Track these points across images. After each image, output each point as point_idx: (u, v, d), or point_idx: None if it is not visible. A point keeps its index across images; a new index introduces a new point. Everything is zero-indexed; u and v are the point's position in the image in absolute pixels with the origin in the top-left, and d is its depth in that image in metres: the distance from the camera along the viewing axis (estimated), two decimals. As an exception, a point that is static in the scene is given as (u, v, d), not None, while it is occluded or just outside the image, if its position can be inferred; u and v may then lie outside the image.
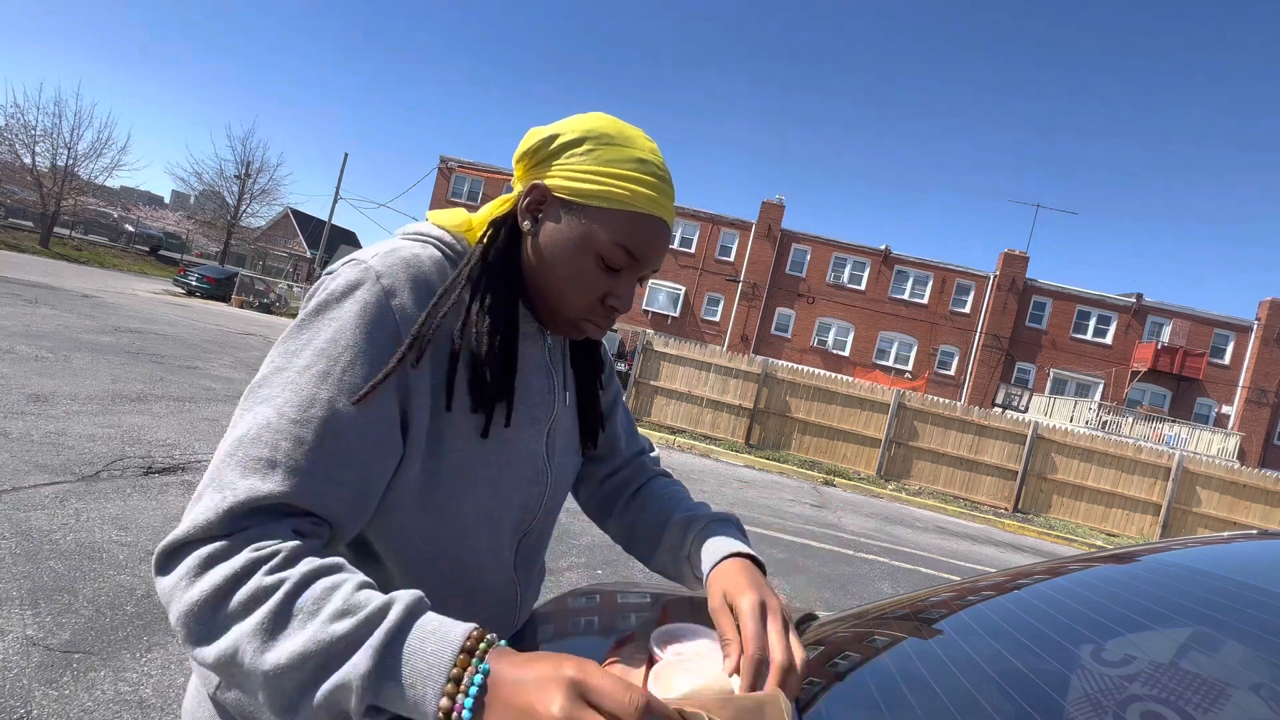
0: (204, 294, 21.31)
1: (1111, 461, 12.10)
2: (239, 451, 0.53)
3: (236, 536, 0.51)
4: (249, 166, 36.22)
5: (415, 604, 0.49)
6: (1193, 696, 0.63)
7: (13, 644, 2.03)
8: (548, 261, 0.68)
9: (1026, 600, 0.93)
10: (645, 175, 0.67)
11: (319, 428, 0.55)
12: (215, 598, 0.48)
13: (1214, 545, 1.01)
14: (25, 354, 6.25)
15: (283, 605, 0.48)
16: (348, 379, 0.56)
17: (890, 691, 0.73)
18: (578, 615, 0.97)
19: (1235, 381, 23.86)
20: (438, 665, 0.45)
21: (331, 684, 0.45)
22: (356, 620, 0.47)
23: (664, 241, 0.69)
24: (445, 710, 0.44)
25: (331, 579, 0.50)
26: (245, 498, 0.51)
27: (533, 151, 0.69)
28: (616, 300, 0.69)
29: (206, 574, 0.49)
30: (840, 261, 25.98)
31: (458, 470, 0.65)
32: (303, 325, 0.59)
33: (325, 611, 0.48)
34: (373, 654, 0.46)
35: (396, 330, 0.59)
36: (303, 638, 0.47)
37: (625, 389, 14.40)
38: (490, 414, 0.66)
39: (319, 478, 0.55)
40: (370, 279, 0.60)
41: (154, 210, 43.55)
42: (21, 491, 3.16)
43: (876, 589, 4.98)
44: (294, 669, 0.46)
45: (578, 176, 0.66)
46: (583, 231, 0.66)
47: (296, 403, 0.55)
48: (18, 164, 28.01)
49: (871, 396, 12.48)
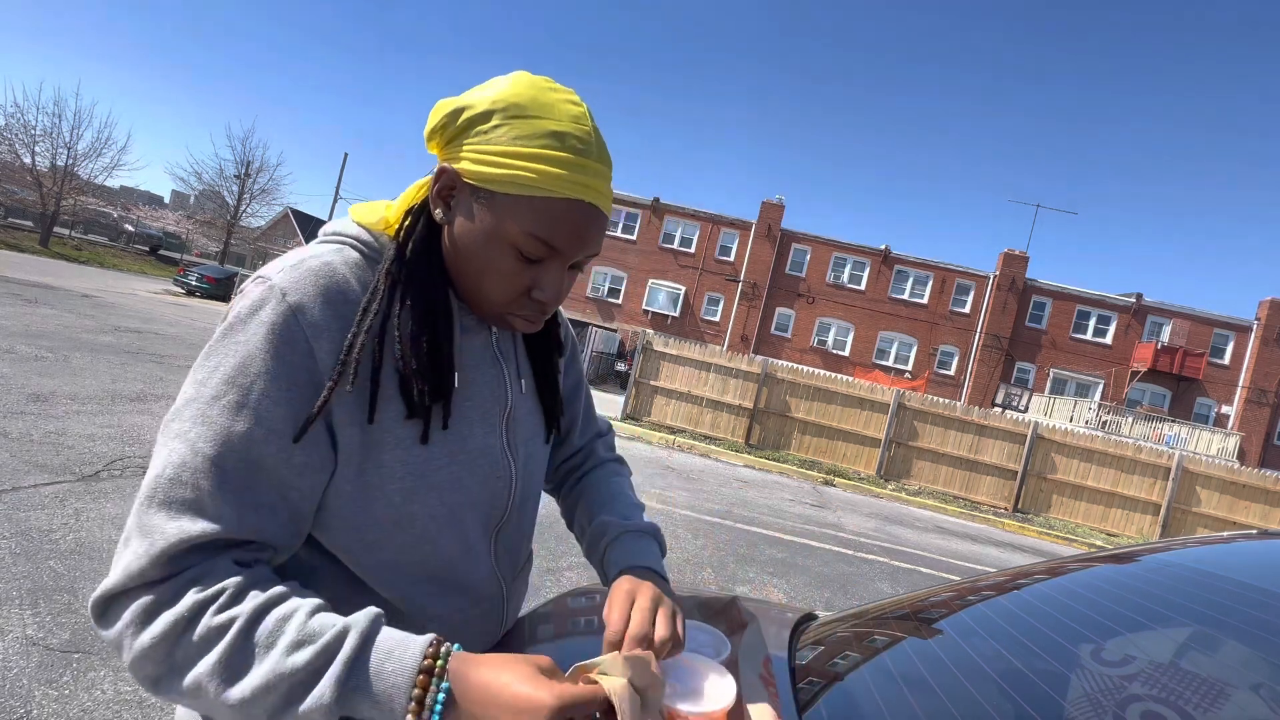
0: (204, 294, 21.31)
1: (1111, 461, 12.09)
2: (159, 493, 0.51)
3: (176, 579, 0.50)
4: (249, 166, 36.19)
5: (370, 627, 0.50)
6: (1193, 696, 0.63)
7: (13, 644, 2.03)
8: (463, 254, 0.63)
9: (1026, 600, 0.93)
10: (560, 153, 0.58)
11: (239, 461, 0.53)
12: (167, 644, 0.48)
13: (1214, 545, 1.01)
14: (25, 354, 6.24)
15: (237, 642, 0.48)
16: (262, 408, 0.54)
17: (890, 691, 0.73)
18: (577, 615, 0.97)
19: (1235, 381, 23.86)
20: (399, 686, 0.47)
21: (301, 711, 0.47)
22: (314, 650, 0.48)
23: (590, 226, 0.62)
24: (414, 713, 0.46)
25: (282, 609, 0.50)
26: (176, 539, 0.50)
27: (440, 128, 0.62)
28: (542, 292, 0.63)
29: (152, 622, 0.48)
30: (840, 261, 25.97)
31: (399, 479, 0.62)
32: (210, 351, 0.56)
33: (281, 643, 0.48)
34: (335, 684, 0.47)
35: (309, 348, 0.56)
36: (262, 672, 0.47)
37: (625, 389, 14.39)
38: (427, 419, 0.62)
39: (248, 507, 0.53)
40: (275, 297, 0.56)
41: (154, 210, 43.53)
42: (21, 491, 3.16)
43: (876, 589, 4.98)
44: (258, 701, 0.47)
45: (484, 159, 0.59)
46: (494, 222, 0.60)
47: (210, 437, 0.52)
48: (17, 164, 27.97)
49: (871, 396, 12.48)
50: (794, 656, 0.86)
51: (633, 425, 11.91)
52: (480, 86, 0.63)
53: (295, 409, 0.55)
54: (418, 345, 0.61)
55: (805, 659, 0.86)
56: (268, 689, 0.47)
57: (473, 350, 0.70)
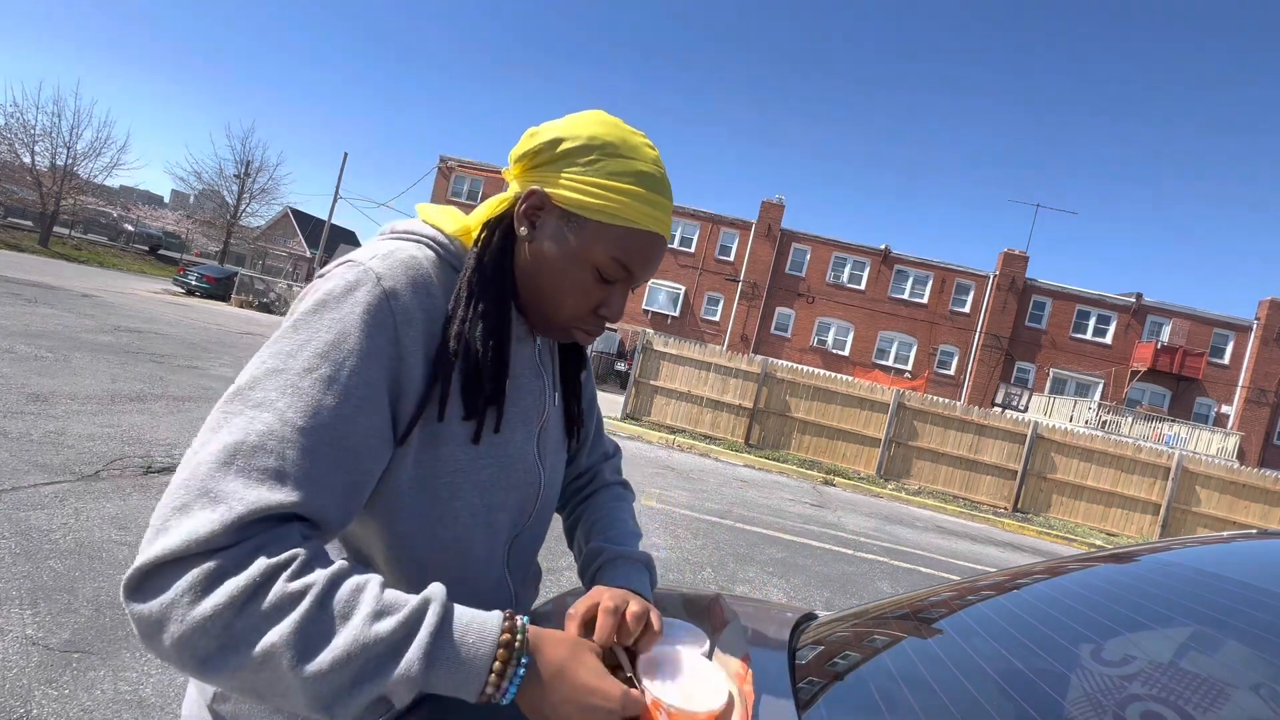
0: (204, 293, 21.30)
1: (1111, 461, 12.10)
2: (239, 459, 0.50)
3: (242, 546, 0.48)
4: (248, 166, 36.20)
5: (448, 599, 0.52)
6: (1193, 696, 0.63)
7: (13, 644, 2.03)
8: (543, 269, 0.67)
9: (1026, 600, 0.93)
10: (647, 191, 0.66)
11: (326, 436, 0.53)
12: (230, 612, 0.45)
13: (1214, 545, 1.01)
14: (25, 353, 6.24)
15: (316, 610, 0.47)
16: (353, 384, 0.54)
17: (890, 691, 0.73)
18: (578, 615, 0.96)
19: (1235, 381, 23.86)
20: (481, 658, 0.50)
21: (383, 683, 0.47)
22: (398, 620, 0.48)
23: (658, 256, 0.69)
24: (494, 686, 0.50)
25: (354, 580, 0.50)
26: (255, 506, 0.48)
27: (534, 153, 0.67)
28: (608, 310, 0.69)
29: (216, 588, 0.46)
30: (840, 261, 25.96)
31: (449, 474, 0.64)
32: (299, 325, 0.56)
33: (361, 613, 0.48)
34: (423, 654, 0.48)
35: (396, 334, 0.58)
36: (344, 640, 0.46)
37: (625, 389, 14.38)
38: (482, 420, 0.65)
39: (323, 484, 0.53)
40: (371, 280, 0.58)
41: (153, 210, 43.53)
42: (21, 491, 3.16)
43: (876, 589, 4.98)
44: (337, 671, 0.46)
45: (580, 188, 0.64)
46: (581, 244, 0.65)
47: (301, 408, 0.52)
48: (17, 163, 27.96)
49: (871, 396, 12.48)
50: (794, 656, 0.86)
51: (633, 425, 11.91)
52: (570, 121, 0.68)
53: (379, 391, 0.57)
54: (486, 352, 0.64)
55: (805, 659, 0.86)
56: (349, 659, 0.46)
57: (521, 358, 0.73)
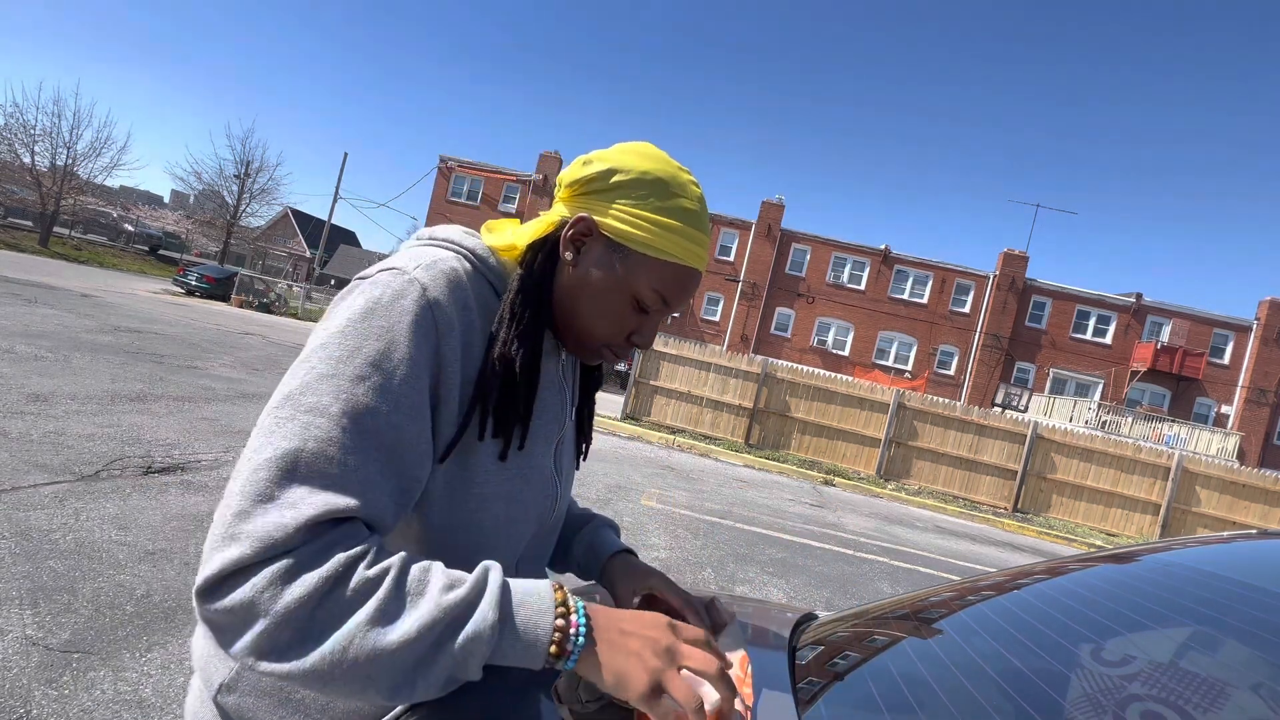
0: (203, 294, 21.30)
1: (1111, 461, 12.10)
2: (301, 466, 0.51)
3: (313, 544, 0.50)
4: (248, 166, 36.21)
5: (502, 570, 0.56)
6: (1193, 696, 0.63)
7: (13, 644, 2.03)
8: (584, 294, 0.69)
9: (1026, 600, 0.93)
10: (692, 229, 0.68)
11: (381, 442, 0.55)
12: (312, 602, 0.47)
13: (1214, 545, 1.01)
14: (25, 354, 6.24)
15: (394, 590, 0.50)
16: (403, 393, 0.56)
17: (890, 691, 0.73)
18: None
19: (1235, 381, 23.87)
20: (545, 607, 0.53)
21: (461, 642, 0.50)
22: (467, 588, 0.52)
23: (694, 289, 0.71)
24: (560, 630, 0.53)
25: (422, 563, 0.54)
26: (321, 510, 0.50)
27: (586, 181, 0.69)
28: (640, 338, 0.72)
29: (294, 582, 0.48)
30: (840, 261, 25.97)
31: (480, 487, 0.66)
32: (347, 331, 0.57)
33: (433, 587, 0.52)
34: (495, 608, 0.51)
35: (438, 345, 0.60)
36: (424, 610, 0.50)
37: (625, 389, 14.39)
38: (510, 437, 0.66)
39: (381, 490, 0.55)
40: (417, 290, 0.59)
41: (153, 210, 43.55)
42: (21, 491, 3.16)
43: (876, 589, 4.98)
44: (418, 640, 0.49)
45: (628, 220, 0.67)
46: (624, 274, 0.67)
47: (357, 415, 0.54)
48: (17, 163, 27.98)
49: (871, 396, 12.48)
50: (794, 656, 0.86)
51: (633, 425, 11.91)
52: (622, 153, 0.70)
53: (424, 399, 0.59)
54: (525, 374, 0.66)
55: (805, 659, 0.86)
56: (431, 624, 0.49)
57: (546, 373, 0.74)
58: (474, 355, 0.64)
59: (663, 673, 0.53)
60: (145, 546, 2.90)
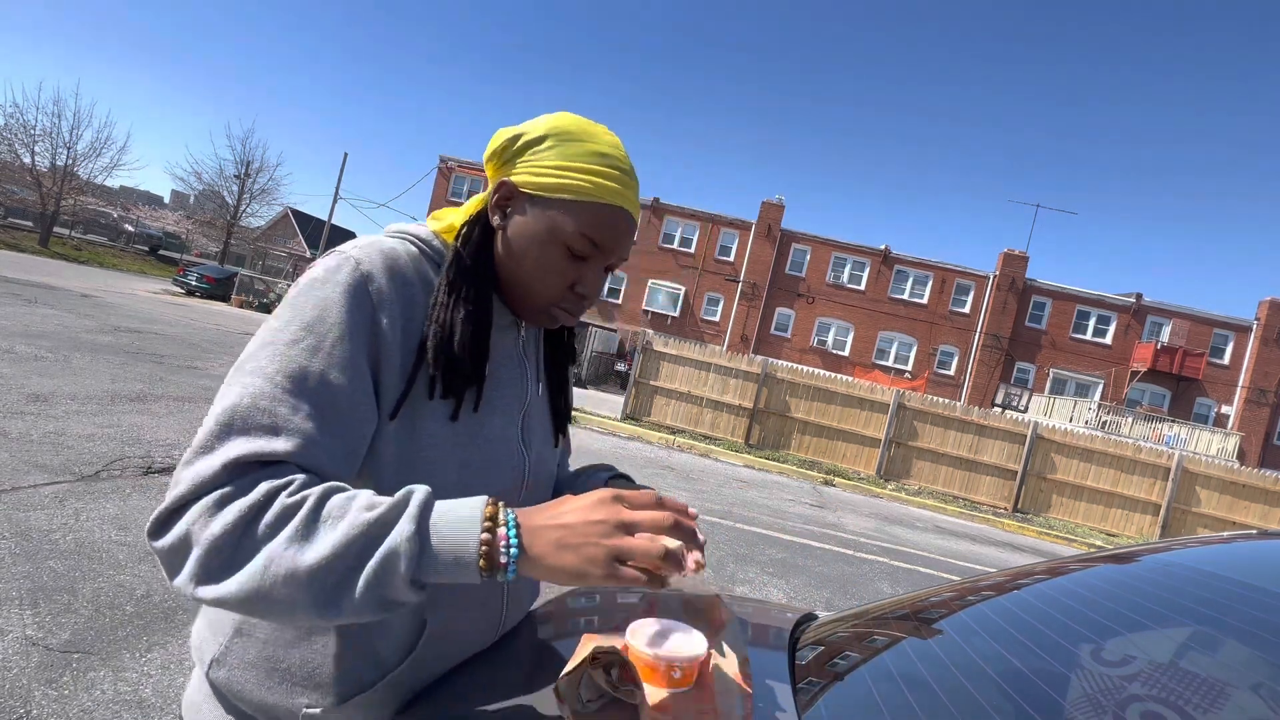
0: (203, 294, 21.29)
1: (1111, 461, 12.10)
2: (236, 421, 0.56)
3: (243, 481, 0.54)
4: (249, 166, 36.17)
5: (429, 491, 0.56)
6: (1192, 696, 0.63)
7: (13, 644, 2.03)
8: (517, 253, 0.72)
9: (1026, 600, 0.93)
10: (607, 168, 0.70)
11: (313, 395, 0.59)
12: (240, 526, 0.52)
13: (1214, 545, 1.01)
14: (25, 354, 6.24)
15: (311, 514, 0.53)
16: (336, 353, 0.60)
17: (890, 692, 0.73)
18: (578, 615, 0.97)
19: (1235, 381, 23.86)
20: (471, 518, 0.54)
21: (379, 557, 0.51)
22: (386, 506, 0.53)
23: (627, 231, 0.73)
24: (487, 543, 0.52)
25: (347, 493, 0.56)
26: (248, 451, 0.54)
27: (500, 151, 0.73)
28: (584, 287, 0.73)
29: (223, 510, 0.52)
30: (840, 261, 25.97)
31: (429, 450, 0.68)
32: (287, 304, 0.63)
33: (354, 509, 0.53)
34: (412, 520, 0.52)
35: (374, 311, 0.64)
36: (341, 529, 0.52)
37: (625, 389, 14.36)
38: (460, 398, 0.69)
39: (315, 438, 0.58)
40: (350, 265, 0.64)
41: (153, 210, 43.51)
42: (21, 491, 3.16)
43: (876, 589, 4.98)
44: (337, 558, 0.51)
45: (542, 172, 0.69)
46: (549, 223, 0.69)
47: (289, 372, 0.58)
48: (17, 164, 27.96)
49: (871, 396, 12.48)
50: (794, 656, 0.86)
51: (633, 425, 11.91)
52: (532, 120, 0.74)
53: (360, 360, 0.62)
54: (464, 329, 0.69)
55: (805, 659, 0.86)
56: (347, 543, 0.51)
57: (502, 347, 0.77)
58: (417, 326, 0.68)
59: (618, 548, 0.54)
60: (145, 547, 2.90)
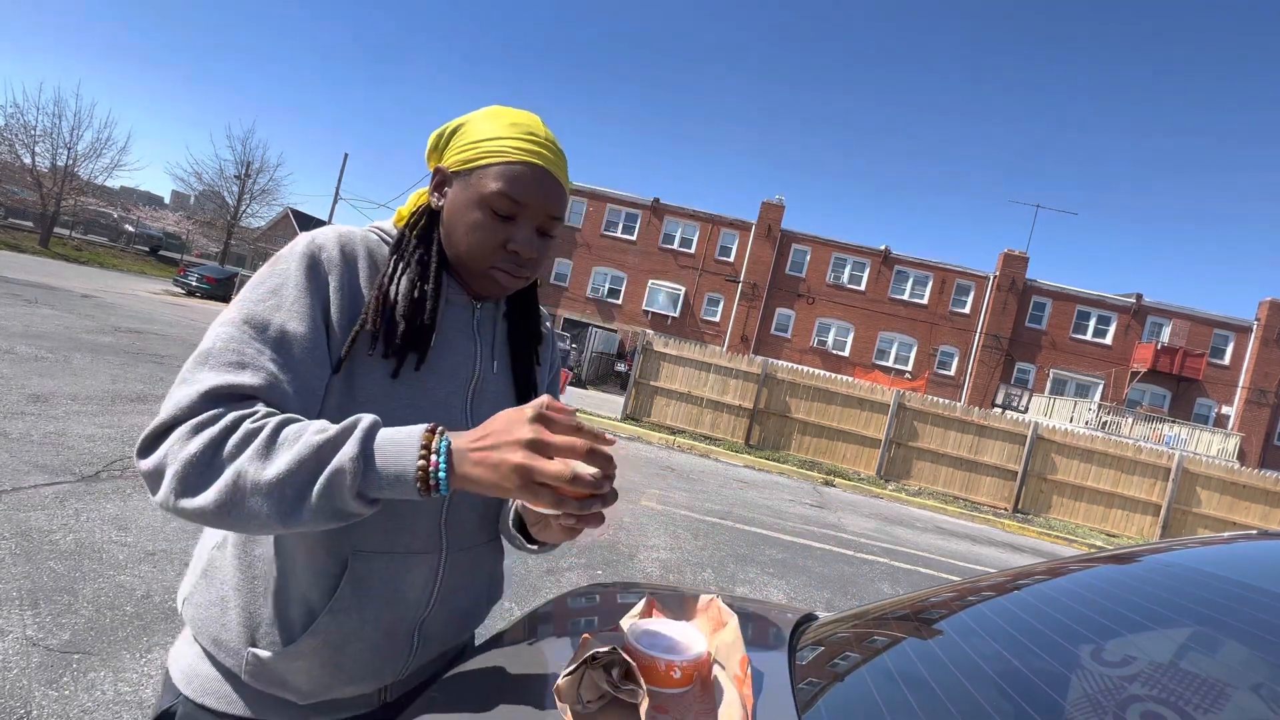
0: (204, 294, 21.30)
1: (1111, 462, 12.09)
2: (210, 358, 0.65)
3: (216, 410, 0.62)
4: (249, 166, 36.16)
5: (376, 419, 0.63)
6: (1193, 697, 0.63)
7: (13, 644, 2.03)
8: (453, 225, 0.80)
9: (1027, 601, 0.93)
10: (519, 134, 0.78)
11: (274, 341, 0.68)
12: (211, 447, 0.60)
13: (1214, 545, 1.01)
14: (25, 354, 6.24)
15: (271, 437, 0.61)
16: (294, 308, 0.70)
17: (890, 692, 0.73)
18: (577, 615, 0.97)
19: (1235, 382, 23.85)
20: (409, 442, 0.61)
21: (328, 473, 0.58)
22: (335, 430, 0.61)
23: (545, 186, 0.79)
24: (422, 469, 0.59)
25: (304, 422, 0.63)
26: (221, 383, 0.63)
27: (433, 146, 0.84)
28: (517, 244, 0.79)
29: (199, 434, 0.60)
30: (840, 262, 25.96)
31: (363, 403, 0.74)
32: (256, 277, 0.73)
33: (307, 434, 0.61)
34: (356, 443, 0.60)
35: (326, 276, 0.73)
36: (296, 449, 0.59)
37: (625, 389, 14.36)
38: (401, 358, 0.76)
39: (277, 376, 0.67)
40: (306, 241, 0.75)
41: (154, 210, 43.49)
42: (21, 491, 3.16)
43: (876, 589, 4.98)
44: (292, 473, 0.58)
45: (464, 148, 0.79)
46: (474, 190, 0.77)
47: (254, 322, 0.68)
48: (18, 164, 27.95)
49: (871, 397, 12.47)
50: (794, 657, 0.86)
51: (633, 425, 11.91)
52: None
53: (315, 314, 0.72)
54: (408, 298, 0.77)
55: (805, 659, 0.86)
56: (300, 462, 0.59)
57: (453, 321, 0.84)
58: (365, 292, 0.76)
59: (529, 465, 0.58)
60: (145, 547, 2.90)
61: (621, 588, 1.10)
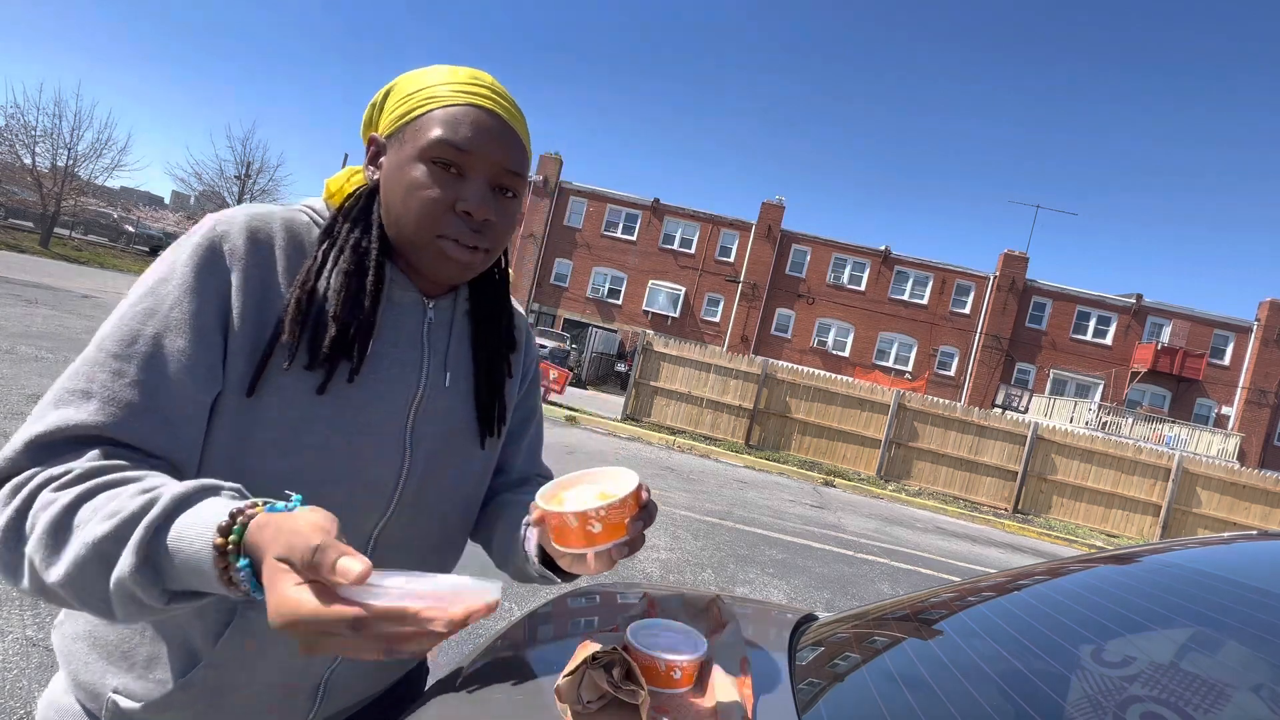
0: (204, 294, 21.26)
1: (1111, 462, 12.09)
2: (58, 386, 0.54)
3: (31, 470, 0.50)
4: (249, 167, 36.18)
5: (183, 495, 0.47)
6: (1193, 697, 0.63)
7: (13, 644, 2.03)
8: (390, 193, 0.67)
9: (1027, 601, 0.93)
10: (454, 80, 0.66)
11: (140, 361, 0.55)
12: (13, 526, 0.48)
13: (1214, 546, 1.01)
14: (25, 354, 6.25)
15: (62, 519, 0.47)
16: (173, 315, 0.57)
17: (890, 692, 0.73)
18: (577, 615, 0.97)
19: (1235, 382, 23.85)
20: (200, 547, 0.44)
21: (114, 585, 0.45)
22: (125, 515, 0.46)
23: (492, 129, 0.66)
24: (223, 566, 0.44)
25: (123, 488, 0.49)
26: (53, 427, 0.51)
27: (367, 121, 0.72)
28: (467, 204, 0.65)
29: (8, 505, 0.49)
30: (840, 262, 25.97)
31: (272, 427, 0.61)
32: (145, 271, 0.60)
33: (99, 516, 0.47)
34: (134, 552, 0.45)
35: (226, 272, 0.60)
36: (75, 546, 0.46)
37: (625, 390, 14.36)
38: (330, 371, 0.62)
39: (137, 408, 0.54)
40: (207, 226, 0.61)
41: (154, 211, 43.55)
42: (21, 492, 3.16)
43: (876, 590, 4.98)
44: (74, 579, 0.46)
45: (395, 107, 0.67)
46: (410, 146, 0.65)
47: (118, 337, 0.55)
48: (18, 164, 27.98)
49: (871, 397, 12.48)
50: (794, 657, 0.86)
51: (633, 426, 11.91)
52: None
53: (204, 323, 0.58)
54: (337, 298, 0.64)
55: (805, 660, 0.86)
56: (82, 564, 0.46)
57: (398, 328, 0.70)
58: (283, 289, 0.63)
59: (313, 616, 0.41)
60: (145, 547, 2.90)
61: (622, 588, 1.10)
